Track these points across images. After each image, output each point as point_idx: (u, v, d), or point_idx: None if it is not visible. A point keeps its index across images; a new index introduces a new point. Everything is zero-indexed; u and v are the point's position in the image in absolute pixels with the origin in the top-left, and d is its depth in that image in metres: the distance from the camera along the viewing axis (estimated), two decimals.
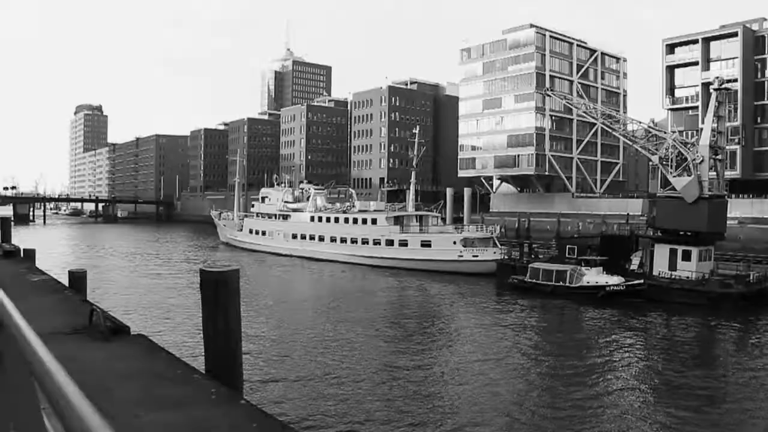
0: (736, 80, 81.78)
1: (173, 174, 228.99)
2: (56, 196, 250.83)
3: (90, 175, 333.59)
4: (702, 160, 48.69)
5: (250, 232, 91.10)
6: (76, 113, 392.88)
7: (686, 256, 48.23)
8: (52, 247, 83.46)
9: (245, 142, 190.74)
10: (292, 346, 31.04)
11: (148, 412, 5.19)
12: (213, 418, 5.11)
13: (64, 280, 13.66)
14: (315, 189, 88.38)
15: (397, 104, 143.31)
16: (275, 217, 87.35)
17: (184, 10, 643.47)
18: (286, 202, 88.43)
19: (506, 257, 60.02)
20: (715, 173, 50.29)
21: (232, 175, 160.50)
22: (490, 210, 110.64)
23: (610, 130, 58.11)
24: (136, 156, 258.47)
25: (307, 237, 79.29)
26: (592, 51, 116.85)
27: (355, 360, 28.63)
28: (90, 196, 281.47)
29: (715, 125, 49.96)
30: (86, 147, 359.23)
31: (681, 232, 48.96)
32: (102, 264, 68.05)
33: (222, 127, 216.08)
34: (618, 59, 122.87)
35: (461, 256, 62.31)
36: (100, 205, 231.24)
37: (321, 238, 77.08)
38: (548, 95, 72.08)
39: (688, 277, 46.80)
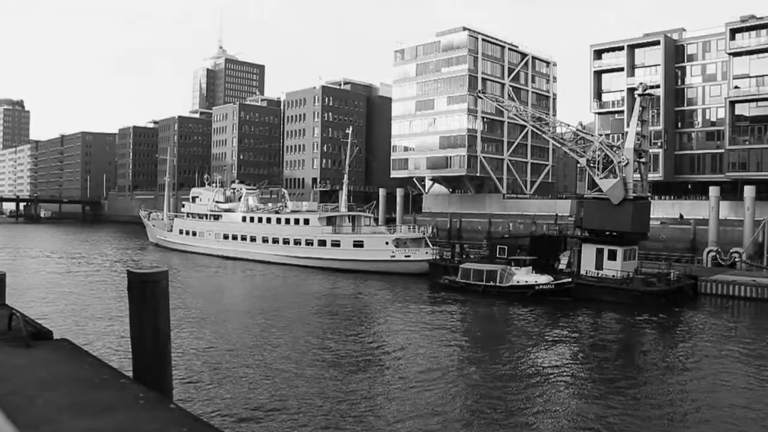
0: (658, 86, 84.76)
1: (100, 173, 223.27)
2: None
3: (10, 173, 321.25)
4: (627, 163, 50.19)
5: (181, 232, 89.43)
6: None
7: (612, 256, 49.70)
8: None
9: (176, 140, 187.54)
10: (224, 348, 30.56)
11: (73, 418, 5.01)
12: (141, 423, 4.96)
13: None
14: (247, 189, 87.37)
15: (331, 104, 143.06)
16: (206, 218, 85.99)
17: (111, 4, 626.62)
18: (217, 202, 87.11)
19: (438, 257, 60.57)
20: (639, 175, 51.88)
21: (162, 175, 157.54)
22: (423, 210, 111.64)
23: (539, 133, 59.27)
24: (61, 154, 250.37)
25: (239, 237, 78.34)
26: (523, 55, 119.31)
27: (289, 361, 28.38)
28: (10, 194, 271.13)
29: (639, 129, 51.53)
30: (6, 143, 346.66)
31: (607, 233, 50.37)
32: (22, 266, 65.62)
33: (152, 125, 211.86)
34: (548, 63, 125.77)
35: (393, 256, 62.56)
36: (22, 205, 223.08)
37: (253, 239, 76.25)
38: (480, 97, 73.06)
39: (613, 276, 48.24)
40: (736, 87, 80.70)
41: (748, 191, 61.51)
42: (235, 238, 79.04)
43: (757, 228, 56.75)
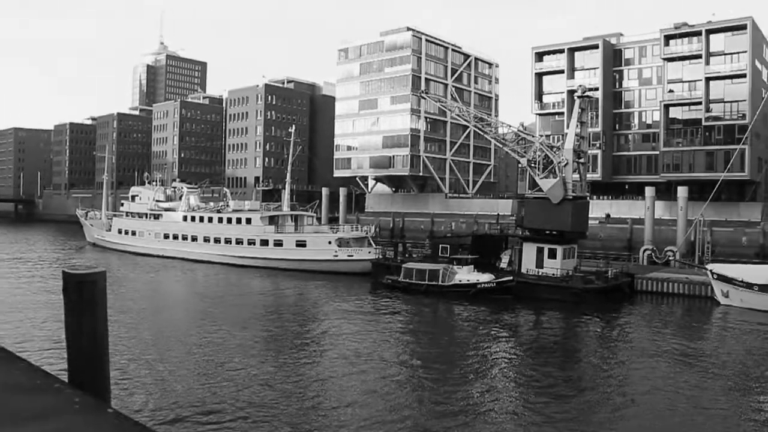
0: (597, 89, 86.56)
1: (34, 170, 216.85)
2: None
3: None
4: (566, 163, 51.12)
5: (120, 232, 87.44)
6: None
7: (552, 254, 50.56)
8: None
9: (115, 138, 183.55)
10: (164, 351, 29.94)
11: (4, 427, 4.76)
12: (76, 429, 4.75)
13: None
14: (188, 188, 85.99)
15: (274, 103, 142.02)
16: (146, 217, 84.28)
17: None
18: (157, 201, 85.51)
19: (381, 257, 60.66)
20: (578, 176, 52.91)
21: (100, 173, 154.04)
22: (366, 210, 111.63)
23: (482, 133, 59.87)
24: None
25: (180, 237, 77.01)
26: (466, 56, 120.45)
27: (230, 363, 27.99)
28: None
29: (579, 130, 52.58)
30: None
31: (547, 232, 51.22)
32: None
33: (89, 122, 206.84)
34: (491, 65, 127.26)
35: (336, 255, 62.39)
36: None
37: (194, 239, 75.08)
38: (423, 97, 73.45)
39: (553, 274, 49.08)
40: (671, 91, 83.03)
41: (681, 192, 63.44)
42: (175, 237, 77.69)
43: (690, 227, 58.48)
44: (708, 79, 79.55)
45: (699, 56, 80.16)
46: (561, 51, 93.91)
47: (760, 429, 21.26)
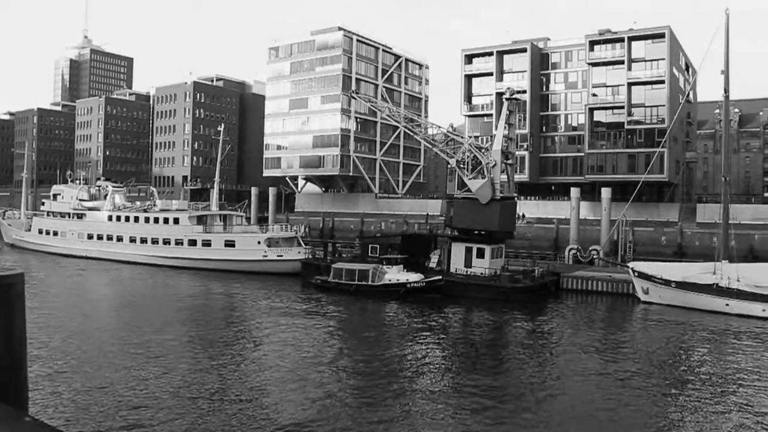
0: (525, 91, 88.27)
1: None
2: None
3: None
4: (495, 164, 51.94)
5: (40, 232, 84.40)
6: None
7: (480, 254, 51.30)
8: None
9: (35, 134, 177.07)
10: (87, 357, 28.95)
11: None
12: None
13: None
14: (113, 186, 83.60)
15: (202, 101, 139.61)
16: (69, 216, 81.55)
17: None
18: (81, 200, 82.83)
19: (311, 257, 60.39)
20: (506, 176, 53.82)
21: (18, 170, 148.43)
22: (295, 210, 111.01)
23: (411, 134, 60.23)
24: None
25: (105, 237, 74.84)
26: (397, 57, 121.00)
27: (157, 367, 27.29)
28: None
29: (507, 132, 53.50)
30: None
31: (476, 231, 51.95)
32: None
33: (7, 117, 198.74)
34: (421, 66, 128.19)
35: (266, 256, 61.81)
36: None
37: (120, 239, 73.08)
38: (354, 97, 73.46)
39: (482, 274, 49.81)
40: (594, 95, 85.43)
41: (605, 193, 65.32)
42: (100, 237, 75.48)
43: (613, 227, 60.23)
44: (630, 84, 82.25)
45: (622, 62, 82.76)
46: (490, 54, 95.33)
47: (670, 413, 22.04)
